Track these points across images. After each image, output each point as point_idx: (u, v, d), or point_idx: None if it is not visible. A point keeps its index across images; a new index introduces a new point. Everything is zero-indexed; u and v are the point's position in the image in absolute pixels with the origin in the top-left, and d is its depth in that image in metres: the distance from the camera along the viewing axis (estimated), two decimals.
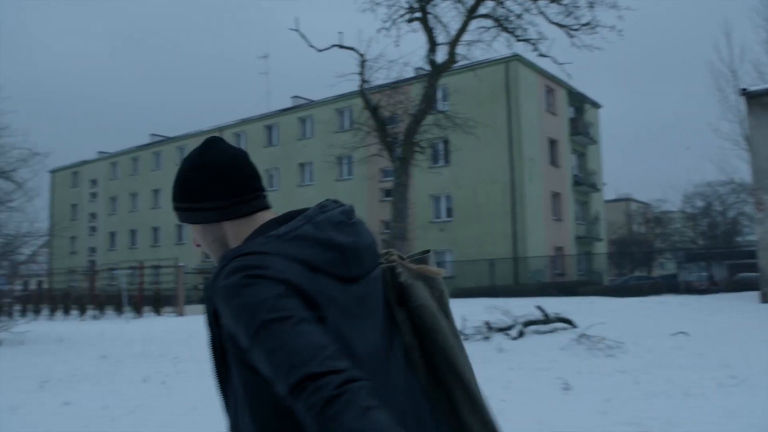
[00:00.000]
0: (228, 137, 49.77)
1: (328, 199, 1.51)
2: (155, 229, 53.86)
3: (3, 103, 25.85)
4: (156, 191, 54.12)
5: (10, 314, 25.11)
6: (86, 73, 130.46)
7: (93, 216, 59.33)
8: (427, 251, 1.65)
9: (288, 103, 48.68)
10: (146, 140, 57.38)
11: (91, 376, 10.36)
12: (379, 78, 16.85)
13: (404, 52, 63.95)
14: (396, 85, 17.48)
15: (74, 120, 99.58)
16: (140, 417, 7.09)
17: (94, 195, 60.06)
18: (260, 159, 47.55)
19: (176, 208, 1.53)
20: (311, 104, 46.27)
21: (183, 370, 10.76)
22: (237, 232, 1.47)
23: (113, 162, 58.82)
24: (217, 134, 1.62)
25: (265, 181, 1.54)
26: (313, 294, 1.27)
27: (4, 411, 7.60)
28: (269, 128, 48.22)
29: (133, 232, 55.75)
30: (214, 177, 1.46)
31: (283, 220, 1.43)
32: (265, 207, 1.52)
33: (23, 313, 27.19)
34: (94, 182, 60.22)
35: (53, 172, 60.37)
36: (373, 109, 16.17)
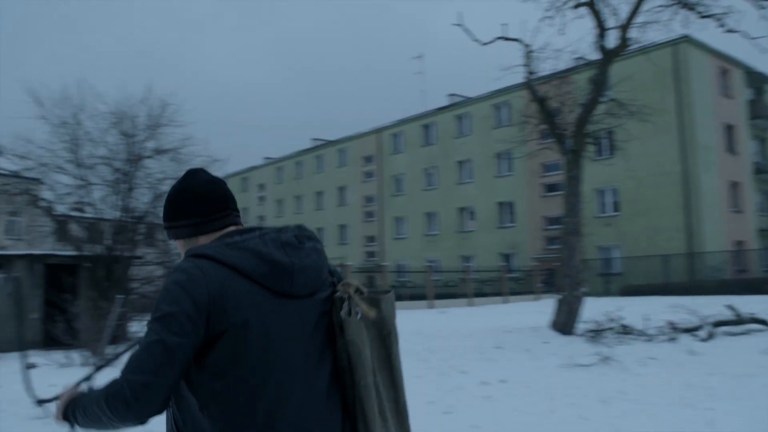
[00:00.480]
0: (386, 139, 50.74)
1: (297, 225, 1.78)
2: (319, 230, 56.00)
3: (187, 116, 27.87)
4: (319, 193, 56.26)
5: None
6: (250, 85, 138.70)
7: (261, 218, 62.80)
8: (389, 291, 1.80)
9: (444, 102, 48.75)
10: (308, 145, 59.83)
11: None
12: (545, 69, 16.32)
13: (570, 41, 61.96)
14: (563, 75, 16.84)
15: (243, 128, 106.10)
16: None
17: (262, 198, 63.61)
18: (418, 158, 48.00)
19: (164, 228, 1.81)
20: (468, 101, 46.00)
21: None
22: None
23: (279, 167, 61.91)
24: (374, 135, 1.63)
25: (423, 180, 1.43)
26: (230, 297, 1.55)
27: None
28: (426, 127, 48.52)
29: None
30: (191, 199, 1.73)
31: (244, 231, 1.71)
32: (236, 224, 1.78)
33: None
34: (261, 186, 63.78)
35: (225, 178, 64.48)
36: (541, 101, 15.67)
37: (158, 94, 21.10)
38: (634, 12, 14.80)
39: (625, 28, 14.93)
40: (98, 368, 1.94)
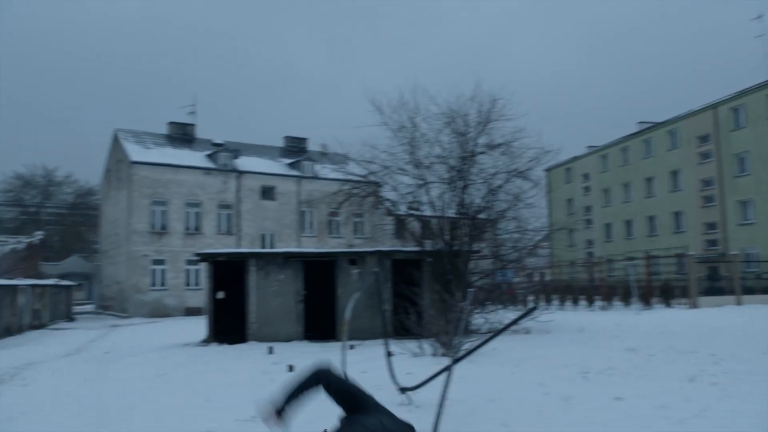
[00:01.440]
0: (723, 114, 45.55)
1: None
2: (650, 219, 52.49)
3: (516, 109, 27.88)
4: (648, 179, 52.75)
5: (524, 303, 27.18)
6: (562, 74, 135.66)
7: (587, 209, 60.96)
8: None
9: None
10: (634, 129, 56.47)
11: (629, 370, 10.08)
12: None
13: None
14: None
15: (565, 119, 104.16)
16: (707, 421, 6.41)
17: (587, 189, 61.73)
18: (765, 132, 42.20)
19: None
20: None
21: (729, 370, 9.70)
22: None
23: (603, 155, 59.47)
24: (709, 112, 1.00)
25: None
26: None
27: (556, 399, 7.76)
28: None
29: (628, 223, 55.37)
30: None
31: None
32: None
33: (535, 303, 29.12)
34: (585, 176, 61.89)
35: (548, 170, 64.02)
36: None
37: (487, 91, 21.43)
38: None
39: None
40: (455, 361, 1.68)
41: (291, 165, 45.35)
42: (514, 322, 7.03)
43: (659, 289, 27.51)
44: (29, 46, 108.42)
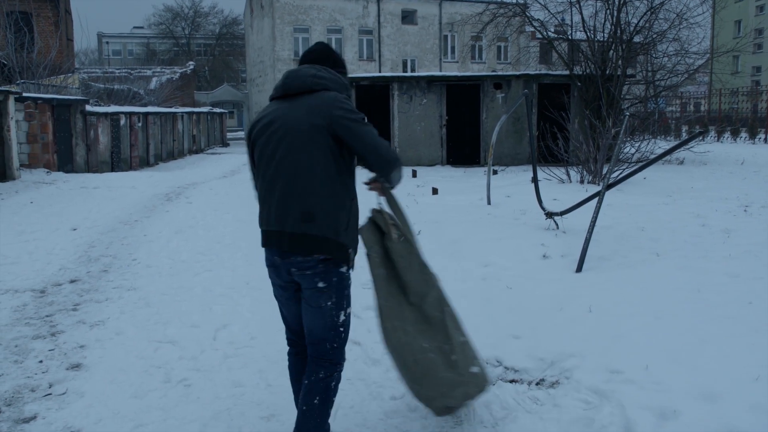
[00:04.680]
0: None
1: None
2: None
3: None
4: None
5: (677, 134, 25.57)
6: None
7: (759, 32, 54.73)
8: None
9: None
10: None
11: None
12: None
13: None
14: None
15: None
16: None
17: (760, 9, 55.08)
18: None
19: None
20: None
21: None
22: None
23: None
24: None
25: None
26: None
27: (715, 231, 7.35)
28: None
29: None
30: None
31: None
32: None
33: (693, 132, 27.29)
34: None
35: None
36: None
37: None
38: None
39: None
40: (608, 187, 1.44)
41: None
42: (675, 148, 6.53)
43: None
44: None
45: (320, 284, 2.79)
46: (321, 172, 2.73)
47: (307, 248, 2.74)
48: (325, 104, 2.76)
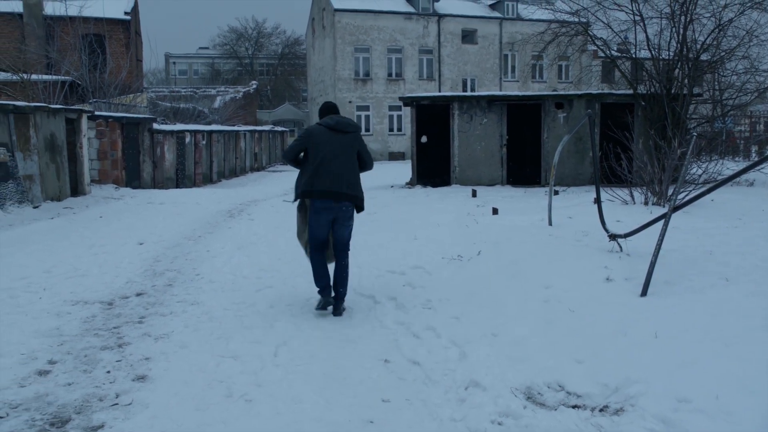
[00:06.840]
0: None
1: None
2: None
3: None
4: None
5: (746, 155, 24.69)
6: None
7: None
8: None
9: None
10: None
11: None
12: None
13: None
14: None
15: None
16: None
17: None
18: None
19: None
20: None
21: None
22: None
23: None
24: None
25: None
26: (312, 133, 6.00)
27: None
28: None
29: None
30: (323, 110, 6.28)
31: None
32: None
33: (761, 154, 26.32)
34: None
35: None
36: None
37: None
38: None
39: None
40: (675, 209, 1.41)
41: (492, 6, 43.48)
42: (746, 170, 6.30)
43: None
44: None
45: (350, 215, 5.94)
46: (353, 167, 5.96)
47: (351, 199, 5.86)
48: (357, 140, 6.07)
